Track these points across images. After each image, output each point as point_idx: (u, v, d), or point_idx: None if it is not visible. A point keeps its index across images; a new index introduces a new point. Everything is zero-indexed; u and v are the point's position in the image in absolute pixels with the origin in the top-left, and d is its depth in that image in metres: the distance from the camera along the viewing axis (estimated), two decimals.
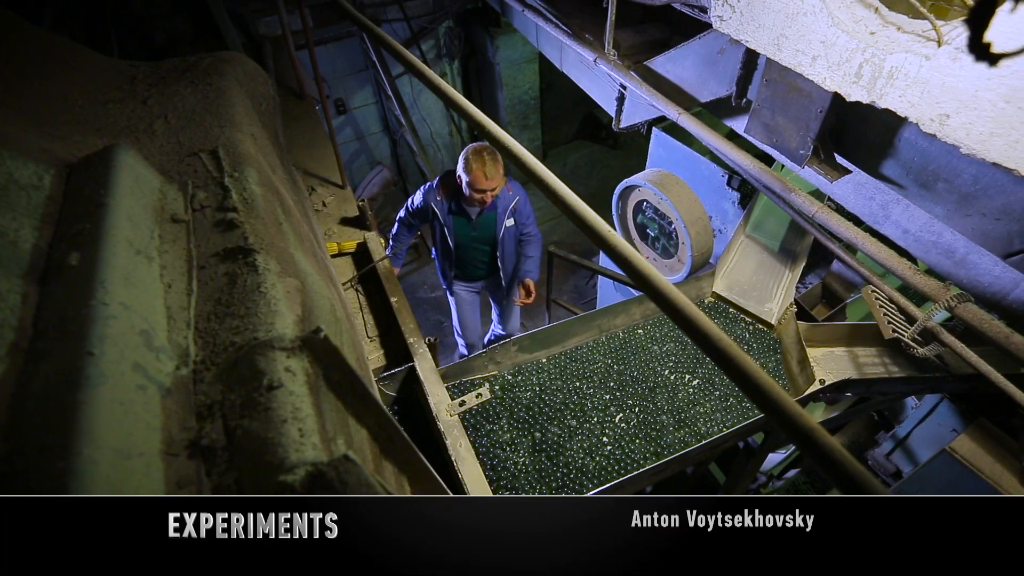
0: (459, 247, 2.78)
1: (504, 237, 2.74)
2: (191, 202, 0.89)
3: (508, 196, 2.63)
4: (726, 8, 1.74)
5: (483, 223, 2.68)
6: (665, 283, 0.68)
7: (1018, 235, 1.51)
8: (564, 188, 0.84)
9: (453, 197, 2.57)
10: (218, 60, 1.27)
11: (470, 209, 2.60)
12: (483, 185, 2.33)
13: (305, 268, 0.89)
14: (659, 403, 1.79)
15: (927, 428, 2.31)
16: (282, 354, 0.64)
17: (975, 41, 0.70)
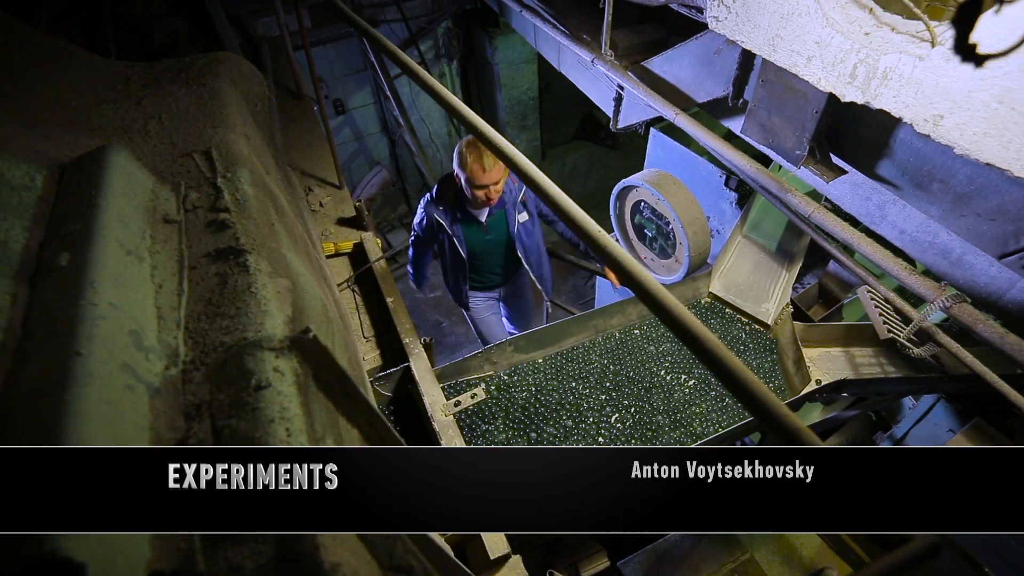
0: (473, 256, 2.53)
1: (520, 233, 2.48)
2: (184, 202, 0.89)
3: (514, 188, 2.40)
4: (721, 9, 1.75)
5: (495, 224, 2.44)
6: (652, 281, 0.68)
7: (1013, 235, 1.51)
8: (556, 189, 0.85)
9: (456, 204, 2.36)
10: (213, 61, 1.27)
11: (477, 212, 2.36)
12: (482, 179, 2.12)
13: (297, 268, 0.90)
14: (655, 403, 1.79)
15: (924, 428, 2.31)
16: (270, 354, 0.64)
17: (960, 42, 0.70)
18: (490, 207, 2.33)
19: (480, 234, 2.47)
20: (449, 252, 2.51)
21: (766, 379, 1.89)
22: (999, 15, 0.99)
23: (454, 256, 2.50)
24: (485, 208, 2.35)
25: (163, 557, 0.49)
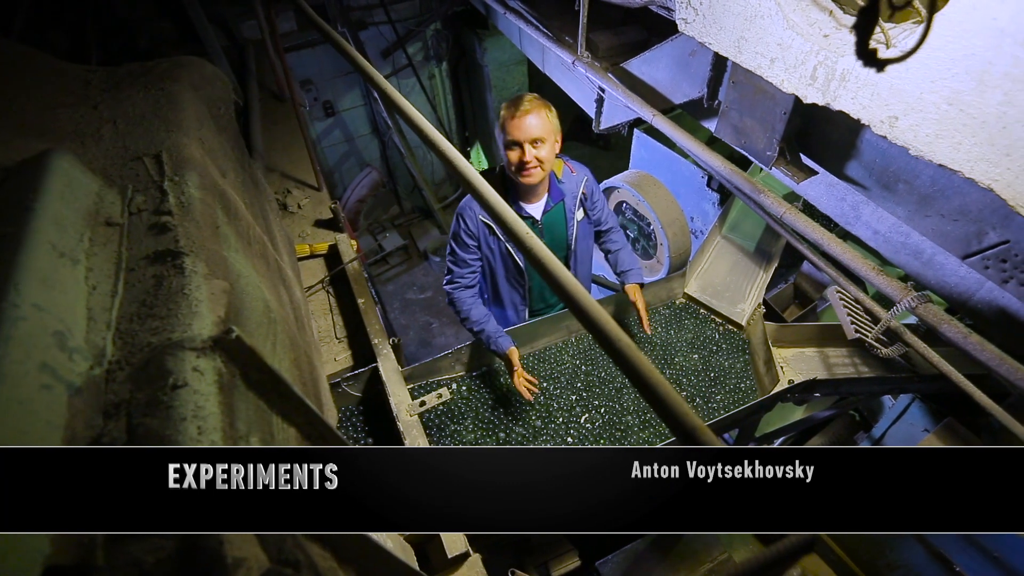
0: (529, 272, 1.93)
1: (578, 237, 1.94)
2: (129, 205, 0.90)
3: (573, 178, 1.91)
4: (689, 11, 1.76)
5: (552, 223, 1.89)
6: (571, 280, 0.69)
7: (975, 236, 1.52)
8: (491, 192, 0.86)
9: (507, 198, 1.75)
10: (174, 65, 1.29)
11: (530, 208, 1.84)
12: (512, 131, 1.63)
13: (240, 270, 0.91)
14: (625, 404, 1.80)
15: (900, 428, 2.31)
16: (191, 354, 0.66)
17: (862, 47, 0.71)
18: (544, 193, 1.82)
19: None
20: (501, 266, 1.91)
21: (738, 379, 1.90)
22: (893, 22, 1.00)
23: (508, 270, 1.91)
24: (540, 202, 1.85)
25: (63, 552, 0.50)
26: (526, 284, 1.96)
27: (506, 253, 1.88)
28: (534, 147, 1.66)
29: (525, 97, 1.68)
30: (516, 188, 1.81)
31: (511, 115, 1.64)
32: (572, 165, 1.94)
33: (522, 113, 1.62)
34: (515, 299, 2.00)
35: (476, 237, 1.83)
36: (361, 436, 1.58)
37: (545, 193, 1.86)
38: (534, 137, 1.64)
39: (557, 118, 1.73)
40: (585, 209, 1.95)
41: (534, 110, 1.64)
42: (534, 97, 1.69)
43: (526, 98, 1.67)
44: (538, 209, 1.85)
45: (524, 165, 1.67)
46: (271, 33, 2.16)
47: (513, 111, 1.64)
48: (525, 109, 1.63)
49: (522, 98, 1.67)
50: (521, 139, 1.64)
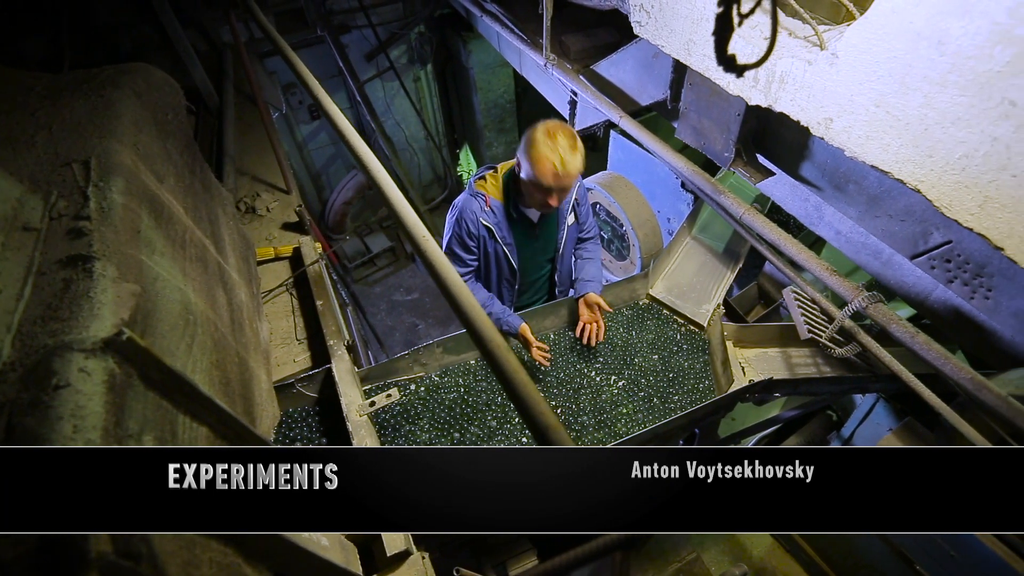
0: (523, 270, 2.00)
1: (566, 240, 2.01)
2: (50, 211, 0.92)
3: None
4: (642, 14, 1.77)
5: (545, 227, 1.97)
6: (455, 277, 0.71)
7: (921, 236, 1.52)
8: (397, 194, 0.88)
9: (510, 199, 1.85)
10: (119, 72, 1.31)
11: (531, 211, 1.87)
12: (551, 183, 1.61)
13: (159, 273, 0.93)
14: (582, 404, 1.81)
15: (867, 427, 2.32)
16: (80, 355, 0.68)
17: (721, 55, 0.73)
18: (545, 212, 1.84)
19: (529, 240, 1.94)
20: (495, 267, 1.94)
21: (696, 379, 1.91)
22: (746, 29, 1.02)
23: (500, 267, 1.95)
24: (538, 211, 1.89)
25: None
26: (517, 283, 2.02)
27: (502, 255, 1.92)
28: (562, 193, 1.68)
29: (569, 146, 1.59)
30: (520, 193, 1.83)
31: (553, 171, 1.58)
32: None
33: (564, 175, 1.60)
34: (505, 297, 2.08)
35: (477, 238, 1.87)
36: (315, 436, 1.60)
37: None
38: (566, 185, 1.65)
39: None
40: (576, 213, 2.01)
41: (576, 169, 1.61)
42: (577, 149, 1.62)
43: (568, 149, 1.59)
44: (536, 213, 1.90)
45: (548, 207, 1.71)
46: (234, 37, 2.18)
47: (556, 168, 1.58)
48: (568, 171, 1.59)
49: (566, 148, 1.59)
50: (554, 187, 1.64)
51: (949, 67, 1.01)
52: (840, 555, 2.33)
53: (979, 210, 1.07)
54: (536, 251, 2.01)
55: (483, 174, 1.91)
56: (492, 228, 1.85)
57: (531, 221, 1.90)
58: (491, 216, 1.84)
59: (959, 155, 1.06)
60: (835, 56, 1.22)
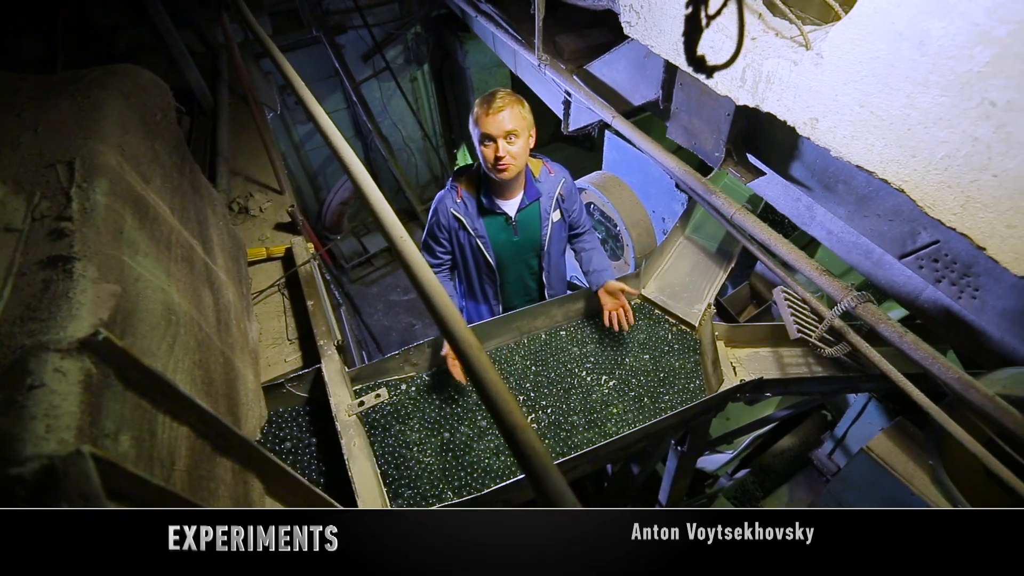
0: (501, 269, 1.97)
1: (552, 238, 1.96)
2: (33, 212, 0.93)
3: (551, 178, 1.91)
4: (632, 14, 1.78)
5: (525, 222, 1.90)
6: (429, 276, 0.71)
7: (909, 236, 1.53)
8: (376, 193, 0.88)
9: (478, 192, 1.82)
10: (106, 73, 1.31)
11: (504, 204, 1.84)
12: (487, 126, 1.61)
13: (140, 274, 0.93)
14: (572, 404, 1.81)
15: (860, 427, 2.32)
16: (56, 355, 0.68)
17: (690, 55, 0.73)
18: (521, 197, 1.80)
19: (507, 234, 1.88)
20: (473, 260, 1.92)
21: (687, 379, 1.92)
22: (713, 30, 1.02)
23: (479, 264, 1.92)
24: (515, 199, 1.84)
25: None
26: (498, 280, 1.99)
27: (476, 248, 1.91)
28: (508, 142, 1.66)
29: (498, 93, 1.66)
30: (491, 184, 1.81)
31: (485, 111, 1.62)
32: (551, 166, 1.95)
33: (496, 109, 1.62)
34: (488, 294, 2.05)
35: (447, 229, 1.87)
36: (305, 436, 1.60)
37: (521, 191, 1.87)
38: (508, 131, 1.64)
39: (531, 113, 1.74)
40: (562, 211, 1.97)
41: (507, 105, 1.63)
42: (507, 92, 1.68)
43: (499, 93, 1.66)
44: (512, 206, 1.87)
45: (499, 160, 1.67)
46: (226, 39, 2.18)
47: (487, 107, 1.62)
48: (499, 105, 1.62)
49: (495, 94, 1.65)
50: (495, 134, 1.63)
51: (930, 67, 1.01)
52: None
53: (961, 210, 1.08)
54: (517, 247, 1.97)
55: (464, 170, 1.91)
56: (462, 219, 1.84)
57: (507, 215, 1.87)
58: (462, 207, 1.84)
59: (941, 155, 1.06)
60: (820, 56, 1.23)
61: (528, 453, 0.56)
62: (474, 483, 1.59)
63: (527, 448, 0.56)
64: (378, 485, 1.41)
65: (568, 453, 1.67)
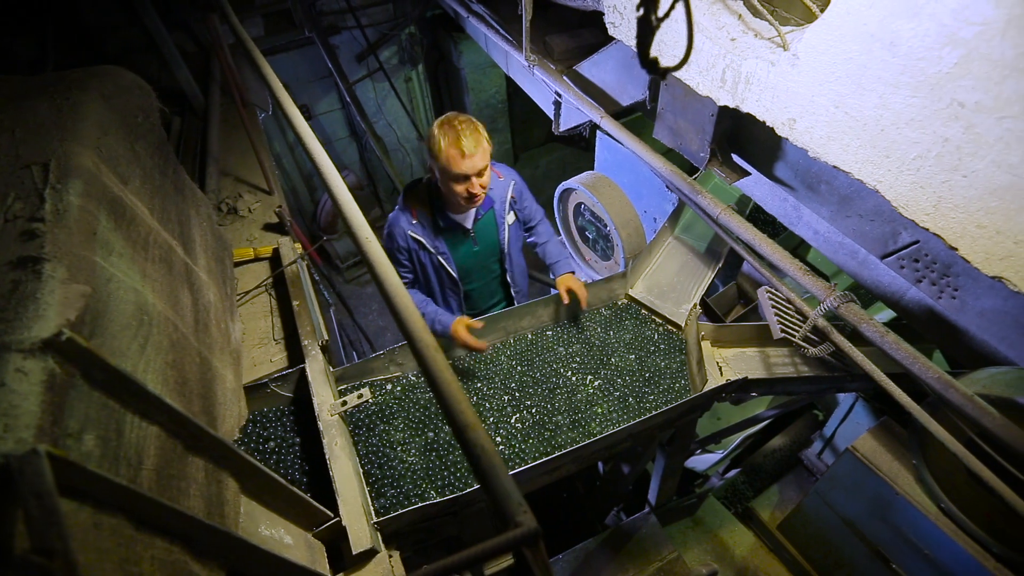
0: (466, 278, 2.02)
1: (510, 240, 2.01)
2: (6, 213, 0.93)
3: (501, 183, 1.95)
4: (615, 15, 1.78)
5: (483, 231, 1.95)
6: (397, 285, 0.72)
7: (890, 236, 1.53)
8: (347, 198, 0.89)
9: (433, 210, 1.85)
10: (87, 75, 1.32)
11: (460, 217, 1.87)
12: (461, 166, 1.63)
13: (112, 274, 0.94)
14: (557, 404, 1.82)
15: (847, 427, 2.33)
16: (18, 355, 0.68)
17: (643, 57, 0.74)
18: (476, 207, 1.83)
19: (468, 246, 1.92)
20: (435, 277, 1.95)
21: (672, 379, 1.92)
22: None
23: (443, 281, 1.96)
24: (471, 210, 1.86)
25: None
26: (461, 291, 2.05)
27: (438, 265, 1.96)
28: (479, 177, 1.72)
29: (463, 129, 1.63)
30: (444, 200, 1.84)
31: (459, 153, 1.62)
32: (499, 169, 1.98)
33: (469, 152, 1.63)
34: (453, 306, 2.11)
35: (406, 251, 1.91)
36: (289, 435, 1.61)
37: None
38: (479, 169, 1.69)
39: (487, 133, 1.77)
40: (515, 212, 2.02)
41: (478, 143, 1.65)
42: (472, 127, 1.67)
43: (465, 131, 1.63)
44: (469, 218, 1.91)
45: (473, 197, 1.73)
46: (213, 40, 2.19)
47: (458, 149, 1.61)
48: (471, 148, 1.62)
49: (459, 131, 1.62)
50: (471, 173, 1.68)
51: (901, 68, 1.01)
52: (820, 554, 2.34)
53: (934, 210, 1.08)
54: (478, 256, 2.01)
55: (412, 188, 1.91)
56: (421, 239, 1.87)
57: (464, 228, 1.90)
58: (419, 228, 1.86)
59: (913, 155, 1.07)
60: (796, 57, 1.23)
61: (477, 452, 0.56)
62: (457, 483, 1.59)
63: (476, 447, 0.57)
64: (360, 484, 1.42)
65: (551, 452, 1.67)
